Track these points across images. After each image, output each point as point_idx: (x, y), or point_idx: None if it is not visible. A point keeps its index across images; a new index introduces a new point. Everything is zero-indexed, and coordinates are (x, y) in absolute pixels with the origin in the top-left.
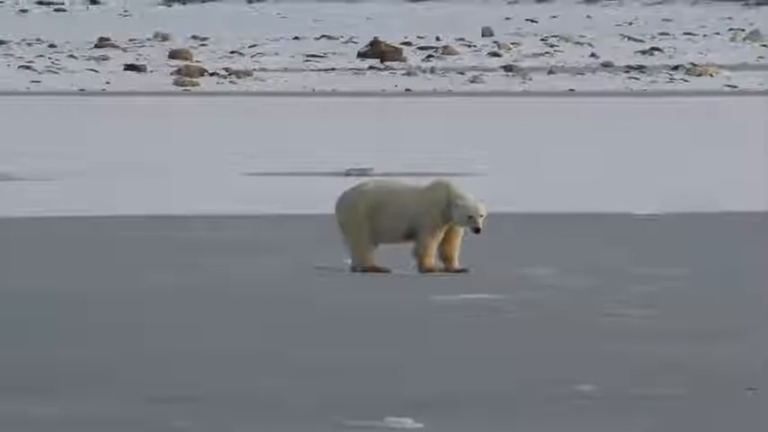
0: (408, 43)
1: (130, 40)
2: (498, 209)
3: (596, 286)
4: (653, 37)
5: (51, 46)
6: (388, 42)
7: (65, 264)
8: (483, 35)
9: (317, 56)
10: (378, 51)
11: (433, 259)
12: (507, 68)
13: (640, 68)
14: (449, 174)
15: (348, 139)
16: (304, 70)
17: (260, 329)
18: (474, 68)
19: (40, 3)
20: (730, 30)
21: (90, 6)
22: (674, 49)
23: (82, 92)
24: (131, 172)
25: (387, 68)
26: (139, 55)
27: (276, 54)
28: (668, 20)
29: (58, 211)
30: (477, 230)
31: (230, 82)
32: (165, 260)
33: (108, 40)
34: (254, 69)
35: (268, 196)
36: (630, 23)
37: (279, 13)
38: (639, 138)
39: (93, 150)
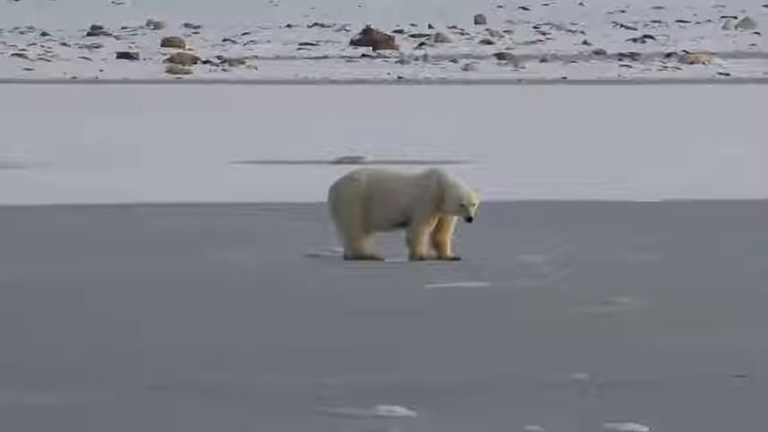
0: (401, 31)
1: (123, 28)
2: (491, 197)
3: (591, 275)
4: (645, 25)
5: (44, 34)
6: (380, 30)
7: (57, 252)
8: (475, 23)
9: (310, 44)
10: (370, 39)
11: (425, 247)
12: (500, 56)
13: (633, 56)
14: (441, 162)
15: (340, 127)
16: (296, 58)
17: (252, 319)
18: (466, 56)
19: None
20: (722, 17)
21: None
22: (667, 36)
23: (74, 80)
24: (122, 160)
25: (379, 56)
26: (132, 43)
27: (268, 42)
28: (660, 7)
29: (49, 199)
30: (469, 219)
31: (223, 70)
32: (156, 249)
33: (100, 28)
34: (247, 57)
35: (260, 184)
36: (623, 11)
37: (271, 1)
38: (632, 125)
39: (85, 139)
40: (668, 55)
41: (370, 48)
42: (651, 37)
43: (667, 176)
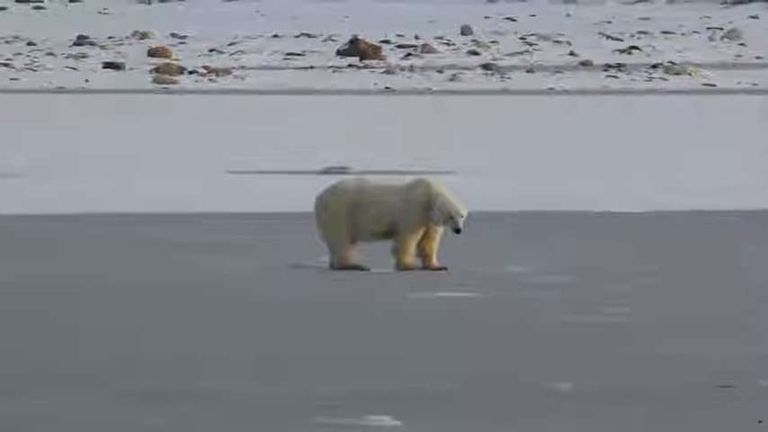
0: (387, 41)
1: (109, 38)
2: (477, 207)
3: (574, 284)
4: (631, 35)
5: (30, 44)
6: (367, 40)
7: (35, 261)
8: (462, 33)
9: (297, 54)
10: (357, 49)
11: (411, 257)
12: (486, 67)
13: (619, 67)
14: (428, 172)
15: (327, 138)
16: (283, 68)
17: (235, 328)
18: (453, 67)
19: (19, 0)
20: (708, 29)
21: (69, 4)
22: (653, 47)
23: (60, 90)
24: (109, 170)
25: (366, 67)
26: (118, 53)
27: (255, 52)
28: (646, 18)
29: (42, 209)
30: (457, 231)
31: (209, 80)
32: (140, 258)
33: (87, 38)
34: (234, 67)
35: (246, 194)
36: (609, 22)
37: (258, 11)
38: (618, 136)
39: (70, 148)
40: (654, 66)
41: (357, 58)
42: (637, 48)
43: (654, 186)
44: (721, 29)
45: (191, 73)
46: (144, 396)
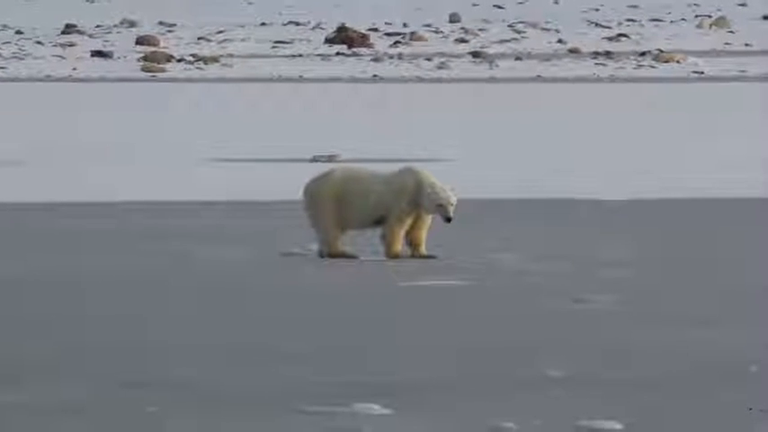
0: (376, 29)
1: (97, 27)
2: (466, 195)
3: (564, 272)
4: (620, 23)
5: (18, 32)
6: (355, 28)
7: (29, 251)
8: (450, 21)
9: (285, 42)
10: (345, 37)
11: (400, 245)
12: (474, 55)
13: (607, 55)
14: (416, 160)
15: (315, 126)
16: (271, 56)
17: (225, 317)
18: (441, 54)
19: None
20: (697, 16)
21: None
22: (641, 35)
23: (48, 78)
24: (97, 159)
25: (354, 54)
26: (106, 41)
27: (243, 40)
28: (635, 6)
29: (22, 198)
30: (447, 219)
31: (197, 68)
32: (130, 247)
33: (75, 26)
34: (222, 55)
35: (234, 183)
36: (597, 10)
37: None
38: (607, 124)
39: (58, 137)
40: (643, 53)
41: (345, 46)
42: (626, 35)
43: (641, 174)
44: (710, 16)
45: (179, 61)
46: (141, 383)
